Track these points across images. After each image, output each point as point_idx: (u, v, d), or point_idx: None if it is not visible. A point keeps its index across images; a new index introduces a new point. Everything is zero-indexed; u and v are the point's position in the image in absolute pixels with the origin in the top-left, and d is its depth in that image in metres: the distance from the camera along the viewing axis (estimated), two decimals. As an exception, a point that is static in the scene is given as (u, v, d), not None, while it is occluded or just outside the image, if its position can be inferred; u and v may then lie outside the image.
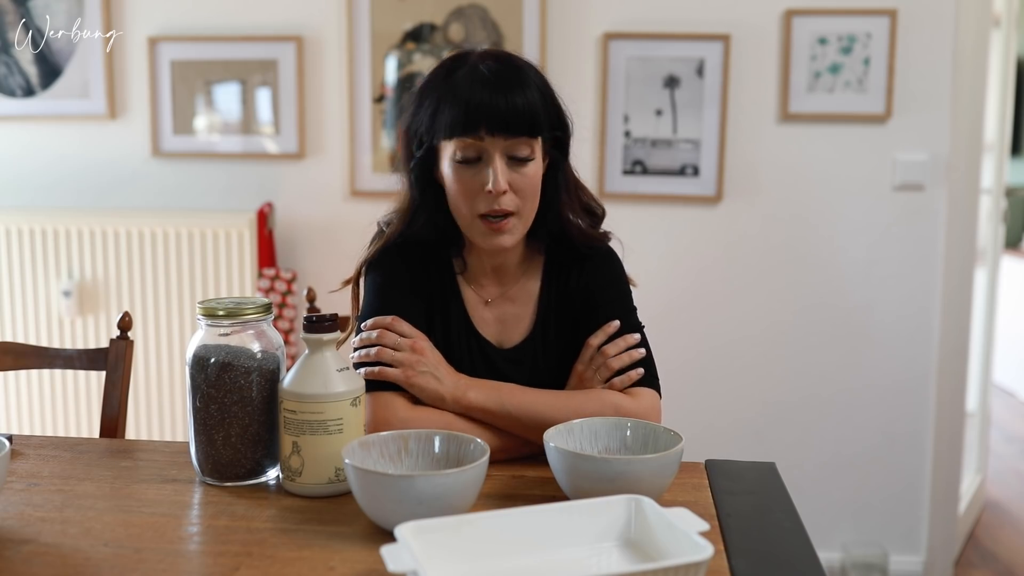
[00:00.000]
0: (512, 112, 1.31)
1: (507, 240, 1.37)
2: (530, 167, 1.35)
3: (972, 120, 2.75)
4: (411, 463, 1.20)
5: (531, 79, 1.35)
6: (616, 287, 1.47)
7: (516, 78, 1.34)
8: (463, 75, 1.34)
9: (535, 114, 1.33)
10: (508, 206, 1.34)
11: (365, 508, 1.11)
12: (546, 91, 1.37)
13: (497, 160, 1.33)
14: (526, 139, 1.33)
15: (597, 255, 1.48)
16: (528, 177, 1.35)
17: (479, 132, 1.31)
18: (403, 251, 1.44)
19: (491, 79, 1.32)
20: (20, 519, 1.14)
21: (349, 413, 1.21)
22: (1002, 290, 3.78)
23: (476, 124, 1.31)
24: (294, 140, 2.84)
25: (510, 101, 1.31)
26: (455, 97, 1.32)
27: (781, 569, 1.04)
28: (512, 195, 1.34)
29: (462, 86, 1.33)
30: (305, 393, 1.19)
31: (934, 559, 2.88)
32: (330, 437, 1.19)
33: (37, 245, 2.85)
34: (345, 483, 1.20)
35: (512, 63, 1.37)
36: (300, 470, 1.20)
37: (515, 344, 1.45)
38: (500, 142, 1.32)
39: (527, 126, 1.32)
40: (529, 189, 1.36)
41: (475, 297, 1.46)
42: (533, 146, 1.35)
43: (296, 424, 1.20)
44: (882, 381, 2.83)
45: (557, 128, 1.40)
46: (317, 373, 1.20)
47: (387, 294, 1.41)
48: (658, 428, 1.24)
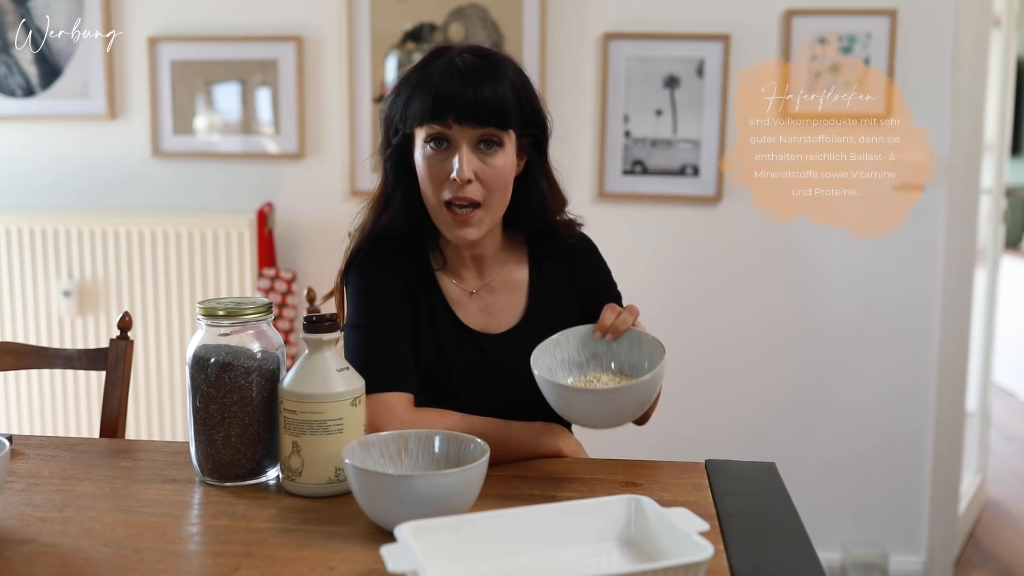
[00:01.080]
0: (480, 102, 1.33)
1: (472, 233, 1.38)
2: (498, 158, 1.36)
3: (972, 120, 2.75)
4: (411, 463, 1.20)
5: (507, 74, 1.37)
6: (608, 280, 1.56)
7: (490, 71, 1.36)
8: (438, 66, 1.37)
9: (504, 106, 1.35)
10: (473, 195, 1.36)
11: (365, 508, 1.11)
12: (523, 88, 1.39)
13: (464, 148, 1.35)
14: (494, 130, 1.35)
15: (581, 244, 1.55)
16: (495, 168, 1.36)
17: (447, 120, 1.34)
18: (380, 251, 1.46)
19: (464, 70, 1.35)
20: (20, 519, 1.14)
21: (349, 413, 1.20)
22: (1002, 290, 3.78)
23: (444, 112, 1.34)
24: (294, 140, 2.84)
25: (479, 92, 1.33)
26: (427, 86, 1.35)
27: (781, 569, 1.04)
28: (478, 185, 1.36)
29: (435, 76, 1.35)
30: (305, 393, 1.19)
31: (934, 559, 2.88)
32: (330, 437, 1.19)
33: (37, 245, 2.85)
34: (345, 483, 1.20)
35: (490, 58, 1.39)
36: (300, 470, 1.20)
37: (505, 330, 1.47)
38: (468, 131, 1.34)
39: (495, 117, 1.34)
40: (496, 180, 1.37)
41: (457, 290, 1.47)
42: (502, 138, 1.36)
43: (296, 424, 1.20)
44: (882, 381, 2.83)
45: (532, 126, 1.41)
46: (317, 373, 1.20)
47: (371, 298, 1.42)
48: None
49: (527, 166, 1.44)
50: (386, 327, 1.40)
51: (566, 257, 1.52)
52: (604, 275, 1.56)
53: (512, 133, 1.38)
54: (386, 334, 1.39)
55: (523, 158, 1.43)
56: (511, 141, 1.38)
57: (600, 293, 1.51)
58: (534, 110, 1.41)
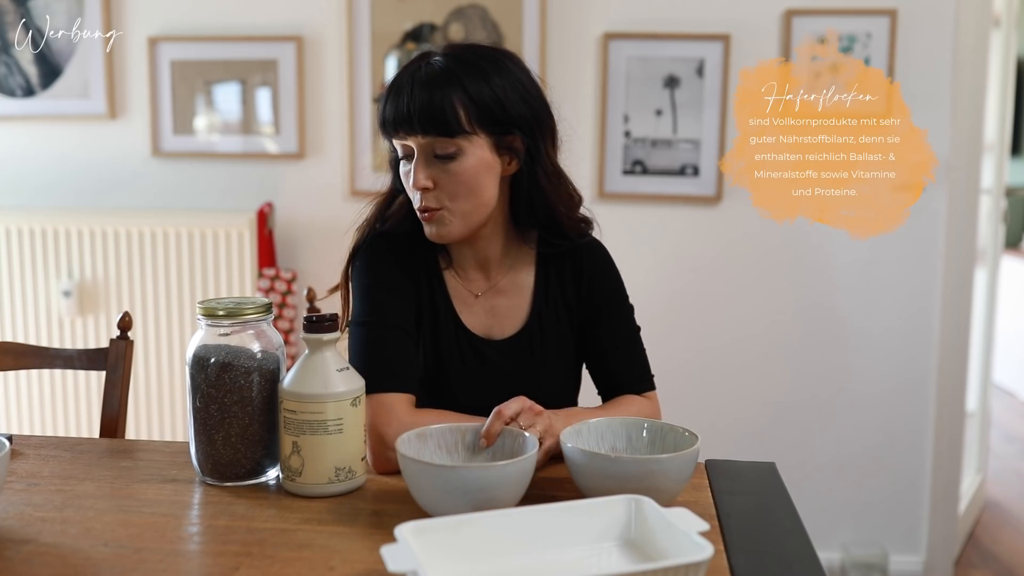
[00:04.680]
0: (420, 112, 1.33)
1: (439, 231, 1.38)
2: (454, 165, 1.35)
3: (972, 120, 2.75)
4: (466, 455, 1.22)
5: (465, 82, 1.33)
6: (616, 291, 1.50)
7: (443, 78, 1.33)
8: (403, 75, 1.37)
9: (445, 114, 1.32)
10: (430, 203, 1.37)
11: (416, 497, 1.13)
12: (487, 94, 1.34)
13: (419, 157, 1.36)
14: (442, 138, 1.34)
15: (590, 249, 1.50)
16: (454, 175, 1.35)
17: (399, 132, 1.36)
18: (387, 248, 1.45)
19: (417, 79, 1.34)
20: (20, 519, 1.14)
21: (349, 413, 1.21)
22: (1002, 290, 3.78)
23: (395, 125, 1.35)
24: (294, 140, 2.84)
25: (419, 101, 1.32)
26: (387, 95, 1.37)
27: (781, 569, 1.04)
28: (438, 192, 1.36)
29: (395, 84, 1.36)
30: (305, 393, 1.19)
31: (934, 559, 2.88)
32: (330, 437, 1.19)
33: (37, 245, 2.85)
34: (345, 483, 1.20)
35: (459, 59, 1.36)
36: (300, 470, 1.20)
37: (508, 336, 1.46)
38: (420, 140, 1.35)
39: (439, 125, 1.33)
40: (456, 186, 1.36)
41: (463, 291, 1.46)
42: (458, 144, 1.34)
43: (296, 424, 1.20)
44: (882, 381, 2.83)
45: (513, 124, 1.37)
46: (317, 373, 1.20)
47: (376, 295, 1.42)
48: (664, 426, 1.24)
49: (525, 163, 1.40)
50: (390, 326, 1.39)
51: (575, 260, 1.48)
52: (610, 284, 1.50)
53: (476, 138, 1.35)
54: (390, 333, 1.39)
55: (513, 157, 1.40)
56: (479, 144, 1.35)
57: (603, 303, 1.47)
58: (511, 111, 1.36)
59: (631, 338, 1.49)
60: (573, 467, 1.17)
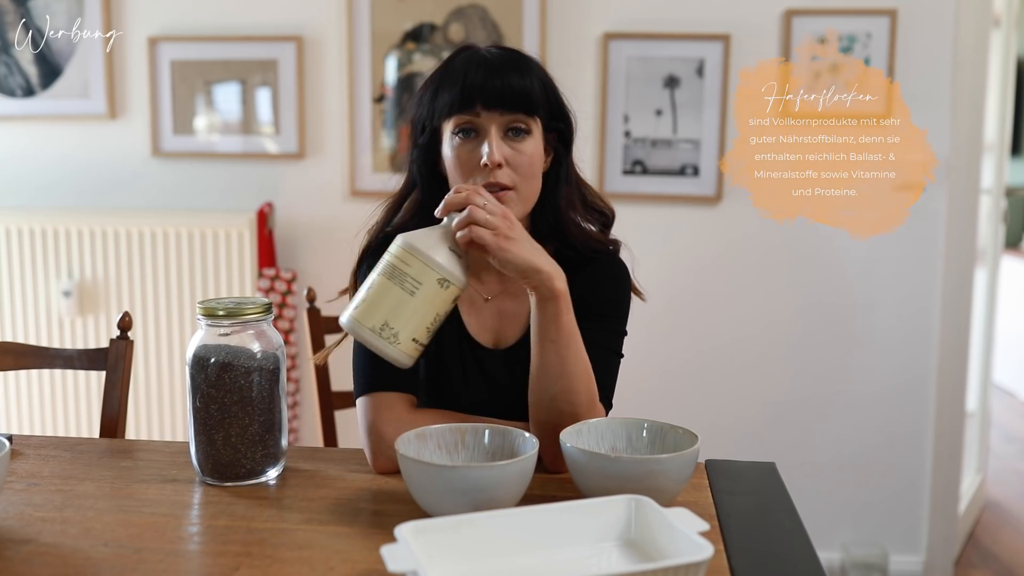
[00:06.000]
0: (507, 88, 1.33)
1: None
2: (527, 144, 1.36)
3: (972, 120, 2.75)
4: (467, 456, 1.21)
5: (533, 67, 1.38)
6: (614, 306, 1.44)
7: (515, 62, 1.37)
8: (462, 59, 1.37)
9: (531, 93, 1.35)
10: (504, 179, 1.34)
11: (415, 497, 1.12)
12: (548, 82, 1.40)
13: (493, 134, 1.34)
14: (523, 116, 1.35)
15: (605, 263, 1.45)
16: (525, 155, 1.35)
17: (475, 108, 1.34)
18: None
19: (490, 60, 1.36)
20: (20, 519, 1.14)
21: (430, 287, 1.18)
22: (1002, 290, 3.78)
23: (472, 100, 1.33)
24: (294, 140, 2.84)
25: (506, 79, 1.34)
26: (453, 79, 1.35)
27: (781, 569, 1.04)
28: (509, 170, 1.34)
29: (460, 69, 1.36)
30: (410, 241, 1.19)
31: (934, 559, 2.88)
32: (400, 291, 1.17)
33: (37, 245, 2.85)
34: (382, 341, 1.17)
35: (515, 52, 1.40)
36: (360, 304, 1.19)
37: (510, 344, 1.44)
38: (496, 117, 1.34)
39: (523, 103, 1.34)
40: (526, 167, 1.35)
41: (473, 294, 1.45)
42: (530, 124, 1.36)
43: (386, 264, 1.19)
44: (882, 381, 2.83)
45: (558, 119, 1.41)
46: (435, 236, 1.21)
47: None
48: (664, 426, 1.24)
49: (553, 164, 1.43)
50: None
51: (591, 269, 1.43)
52: (612, 297, 1.44)
53: (539, 122, 1.38)
54: None
55: (550, 154, 1.42)
56: (539, 130, 1.38)
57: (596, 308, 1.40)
58: (560, 104, 1.41)
59: (607, 355, 1.41)
60: (573, 467, 1.17)
